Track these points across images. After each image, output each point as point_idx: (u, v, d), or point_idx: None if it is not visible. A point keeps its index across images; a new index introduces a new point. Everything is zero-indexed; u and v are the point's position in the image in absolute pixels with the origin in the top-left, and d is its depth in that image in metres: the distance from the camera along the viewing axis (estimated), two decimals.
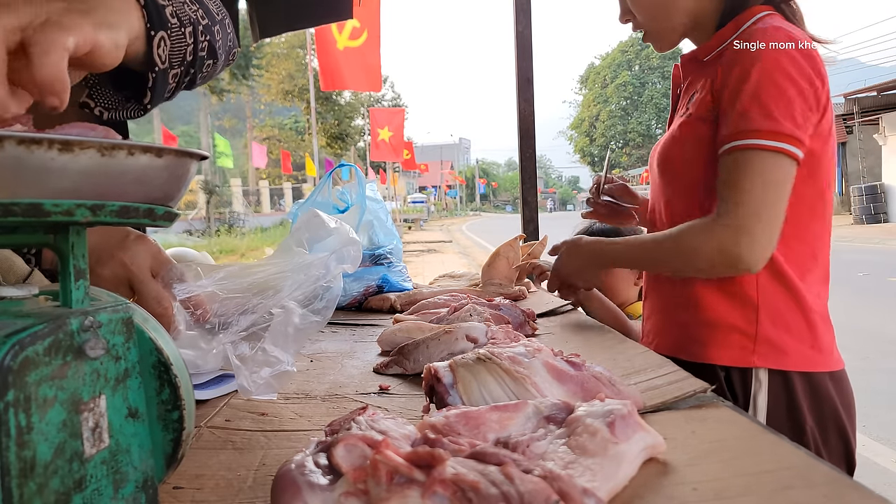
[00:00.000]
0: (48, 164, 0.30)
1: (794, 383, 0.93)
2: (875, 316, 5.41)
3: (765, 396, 0.94)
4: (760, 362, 0.94)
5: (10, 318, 0.33)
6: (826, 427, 0.93)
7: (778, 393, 0.94)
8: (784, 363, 0.94)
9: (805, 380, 0.94)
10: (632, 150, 47.16)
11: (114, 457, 0.36)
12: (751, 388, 0.95)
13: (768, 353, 0.95)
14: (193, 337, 0.69)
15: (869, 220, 16.40)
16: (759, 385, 0.94)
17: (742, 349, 0.96)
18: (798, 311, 0.96)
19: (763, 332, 0.95)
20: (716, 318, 0.99)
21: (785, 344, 0.95)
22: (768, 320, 0.95)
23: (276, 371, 0.68)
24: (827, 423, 0.94)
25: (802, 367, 0.94)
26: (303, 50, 25.45)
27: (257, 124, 32.53)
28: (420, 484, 0.36)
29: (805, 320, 0.96)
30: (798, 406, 0.93)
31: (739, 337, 0.96)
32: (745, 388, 0.95)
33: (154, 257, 0.67)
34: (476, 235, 21.64)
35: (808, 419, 0.92)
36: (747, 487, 0.43)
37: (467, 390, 0.60)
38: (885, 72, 21.74)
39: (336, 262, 0.85)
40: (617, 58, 49.67)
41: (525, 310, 1.10)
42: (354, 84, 8.94)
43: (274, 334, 0.70)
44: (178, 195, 0.40)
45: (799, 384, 0.93)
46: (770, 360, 0.94)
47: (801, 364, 0.94)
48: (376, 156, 17.75)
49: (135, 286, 0.65)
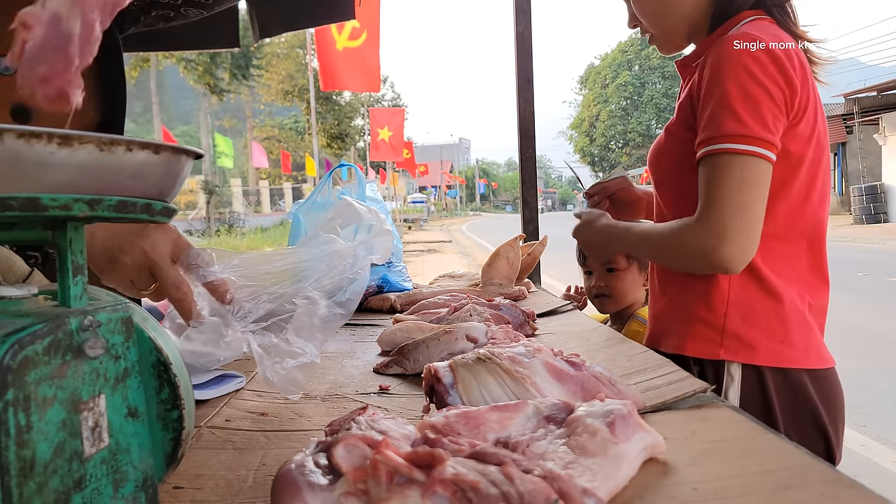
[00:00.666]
0: (47, 159, 0.30)
1: (766, 379, 0.94)
2: (875, 316, 5.41)
3: (737, 390, 0.95)
4: (727, 355, 0.97)
5: (9, 318, 0.33)
6: (802, 424, 0.94)
7: (750, 388, 0.95)
8: (753, 358, 0.95)
9: (779, 375, 0.94)
10: (632, 150, 47.15)
11: (113, 456, 0.36)
12: (723, 381, 0.96)
13: (736, 347, 0.96)
14: (216, 323, 0.68)
15: (869, 220, 16.40)
16: (731, 379, 0.96)
17: (710, 342, 0.98)
18: (770, 307, 0.96)
19: (730, 327, 0.97)
20: (686, 311, 1.02)
21: (753, 339, 0.96)
22: (737, 315, 0.97)
23: (299, 362, 0.67)
24: (803, 421, 0.94)
25: (773, 362, 0.95)
26: (303, 50, 25.46)
27: (257, 124, 32.53)
28: (420, 484, 0.36)
29: (777, 317, 0.96)
30: (770, 401, 0.94)
31: (707, 330, 0.99)
32: (717, 381, 0.97)
33: (174, 243, 0.67)
34: (476, 235, 21.64)
35: (781, 415, 0.93)
36: (747, 487, 0.43)
37: (467, 390, 0.60)
38: (885, 72, 21.75)
39: (365, 251, 0.83)
40: (617, 58, 49.66)
41: (525, 310, 1.10)
42: (354, 85, 8.94)
43: (298, 325, 0.69)
44: (174, 192, 0.40)
45: (771, 380, 0.94)
46: (738, 355, 0.96)
47: (770, 359, 0.95)
48: (376, 156, 17.76)
49: (155, 273, 0.66)
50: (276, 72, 27.62)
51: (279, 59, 27.74)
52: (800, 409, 0.94)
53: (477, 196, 75.15)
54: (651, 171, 1.12)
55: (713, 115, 0.90)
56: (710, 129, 0.90)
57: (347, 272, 0.78)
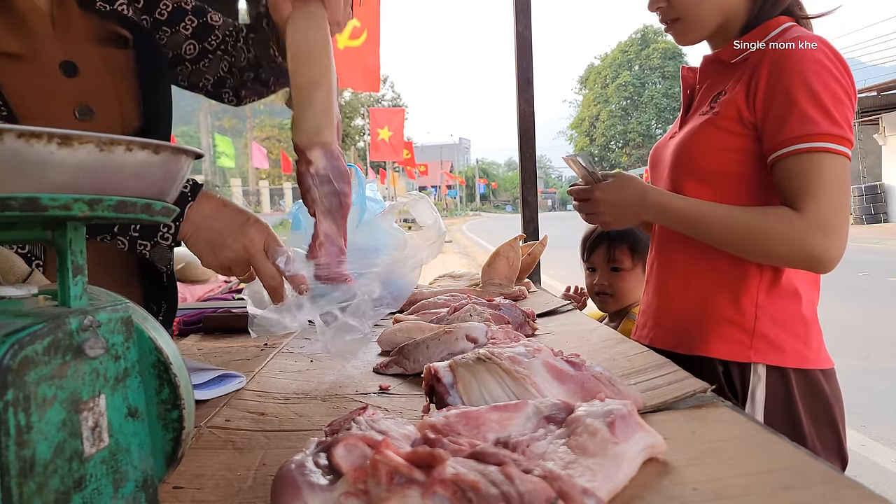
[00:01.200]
0: (47, 158, 0.30)
1: (790, 379, 0.96)
2: (875, 316, 5.41)
3: (763, 391, 0.97)
4: (757, 357, 0.98)
5: (9, 318, 0.32)
6: (820, 422, 0.97)
7: (775, 388, 0.97)
8: (781, 360, 0.97)
9: (801, 376, 0.97)
10: (632, 150, 47.13)
11: (113, 456, 0.36)
12: (749, 382, 0.98)
13: (766, 348, 0.98)
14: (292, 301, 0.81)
15: (869, 220, 16.41)
16: (758, 379, 0.97)
17: (739, 344, 0.99)
18: (795, 308, 1.00)
19: (760, 329, 0.98)
20: (716, 313, 1.02)
21: (782, 341, 0.98)
22: (767, 318, 0.99)
23: (354, 337, 0.83)
24: (820, 418, 0.97)
25: (798, 364, 0.97)
26: None
27: (257, 124, 32.51)
28: (420, 484, 0.36)
29: (800, 318, 1.00)
30: (794, 401, 0.96)
31: (738, 332, 1.00)
32: (743, 382, 0.98)
33: (267, 238, 0.79)
34: (476, 235, 21.63)
35: (804, 414, 0.96)
36: (747, 487, 0.43)
37: (467, 390, 0.60)
38: (885, 72, 21.74)
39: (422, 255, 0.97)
40: (617, 58, 49.64)
41: (525, 310, 1.10)
42: (353, 84, 8.92)
43: (355, 308, 0.83)
44: (173, 192, 0.40)
45: (795, 380, 0.97)
46: (768, 357, 0.98)
47: (797, 361, 0.97)
48: (376, 156, 17.74)
49: (253, 265, 0.78)
50: None
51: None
52: (818, 407, 0.97)
53: (477, 196, 75.14)
54: (675, 160, 1.08)
55: (805, 114, 0.90)
56: (803, 126, 0.90)
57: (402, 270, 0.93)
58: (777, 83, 0.93)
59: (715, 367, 1.00)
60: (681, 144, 1.08)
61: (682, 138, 1.08)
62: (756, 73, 0.96)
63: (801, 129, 0.91)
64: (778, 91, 0.93)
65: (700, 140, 1.04)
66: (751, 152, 0.98)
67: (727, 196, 1.00)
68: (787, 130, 0.92)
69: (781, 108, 0.93)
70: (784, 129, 0.92)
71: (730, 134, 0.99)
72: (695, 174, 1.05)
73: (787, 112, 0.92)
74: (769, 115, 0.94)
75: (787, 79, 0.92)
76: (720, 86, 1.05)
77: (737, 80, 1.01)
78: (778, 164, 0.94)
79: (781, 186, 0.94)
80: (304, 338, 1.14)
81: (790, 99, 0.92)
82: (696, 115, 1.08)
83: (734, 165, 1.00)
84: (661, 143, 1.20)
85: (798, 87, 0.91)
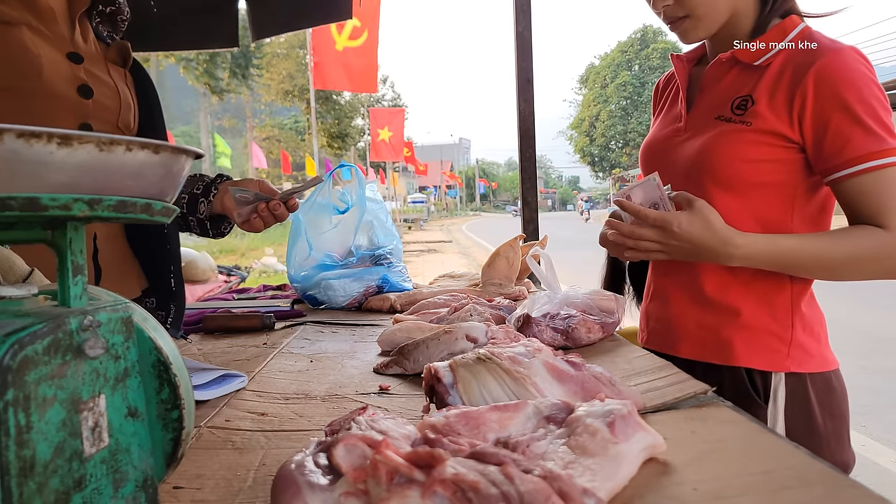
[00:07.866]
0: (47, 158, 0.30)
1: (809, 379, 0.98)
2: (875, 316, 5.41)
3: (783, 391, 0.98)
4: (794, 367, 0.98)
5: (9, 318, 0.32)
6: (834, 419, 0.98)
7: (794, 387, 0.98)
8: (808, 365, 0.98)
9: (819, 377, 0.99)
10: (632, 150, 47.11)
11: (113, 456, 0.36)
12: (771, 383, 0.98)
13: (801, 357, 0.99)
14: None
15: None
16: (779, 380, 0.98)
17: (777, 353, 0.99)
18: (816, 314, 1.02)
19: (797, 337, 0.99)
20: (754, 323, 1.00)
21: (810, 347, 0.99)
22: (800, 325, 0.99)
23: None
24: (834, 416, 0.99)
25: (820, 367, 0.99)
26: (303, 50, 25.44)
27: (257, 124, 32.49)
28: (420, 484, 0.36)
29: (820, 322, 1.02)
30: (811, 400, 0.97)
31: (776, 342, 0.99)
32: (765, 384, 0.99)
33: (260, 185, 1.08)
34: (476, 235, 21.63)
35: (820, 412, 0.97)
36: (747, 487, 0.43)
37: (467, 390, 0.60)
38: (886, 72, 21.72)
39: None
40: (617, 58, 49.63)
41: None
42: (350, 84, 8.92)
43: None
44: (173, 192, 0.40)
45: (813, 381, 0.98)
46: (802, 365, 0.98)
47: (820, 365, 0.99)
48: (376, 156, 17.74)
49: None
50: (276, 71, 27.59)
51: (279, 58, 27.71)
52: (832, 405, 0.98)
53: (477, 196, 75.13)
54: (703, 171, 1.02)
55: (869, 130, 0.89)
56: (870, 144, 0.89)
57: None
58: (830, 101, 0.91)
59: (740, 374, 1.00)
60: (702, 150, 1.02)
61: (703, 143, 1.03)
62: (795, 88, 0.93)
63: (868, 147, 0.90)
64: (833, 109, 0.91)
65: (728, 149, 0.99)
66: (794, 163, 0.97)
67: (758, 204, 0.98)
68: (854, 149, 0.91)
69: (841, 127, 0.91)
70: (849, 149, 0.91)
71: (768, 147, 0.97)
72: (722, 183, 1.01)
73: (849, 130, 0.91)
74: (826, 134, 0.92)
75: (841, 96, 0.90)
76: (741, 90, 1.00)
77: (766, 88, 0.97)
78: (846, 183, 0.92)
79: (854, 204, 0.93)
80: (304, 338, 1.14)
81: (851, 116, 0.90)
82: (709, 117, 1.04)
83: (775, 175, 0.97)
84: (657, 139, 1.14)
85: (855, 104, 0.90)
